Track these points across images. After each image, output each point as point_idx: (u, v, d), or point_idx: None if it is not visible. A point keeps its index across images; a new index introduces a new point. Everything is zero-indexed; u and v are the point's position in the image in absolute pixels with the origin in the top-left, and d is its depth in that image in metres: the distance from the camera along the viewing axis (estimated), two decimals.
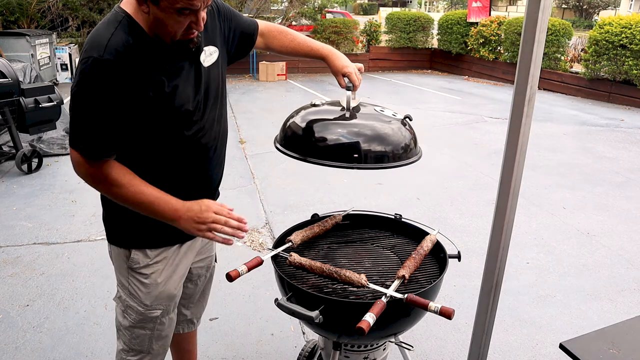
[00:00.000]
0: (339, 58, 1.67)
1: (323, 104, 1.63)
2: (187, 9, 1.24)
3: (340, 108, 1.58)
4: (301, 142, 1.53)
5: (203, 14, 1.30)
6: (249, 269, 1.51)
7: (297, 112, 1.64)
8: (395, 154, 1.50)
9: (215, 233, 1.41)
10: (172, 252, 1.57)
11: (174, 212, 1.39)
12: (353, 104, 1.58)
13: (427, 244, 1.70)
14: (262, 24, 1.72)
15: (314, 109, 1.61)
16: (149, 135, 1.37)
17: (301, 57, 1.81)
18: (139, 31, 1.30)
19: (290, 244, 1.72)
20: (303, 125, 1.55)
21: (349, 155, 1.45)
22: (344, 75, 1.64)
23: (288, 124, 1.60)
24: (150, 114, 1.33)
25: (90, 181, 1.36)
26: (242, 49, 1.66)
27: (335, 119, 1.55)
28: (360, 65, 1.70)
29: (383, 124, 1.55)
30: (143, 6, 1.26)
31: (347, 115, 1.55)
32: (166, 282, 1.58)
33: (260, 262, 1.55)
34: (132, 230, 1.51)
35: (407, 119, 1.62)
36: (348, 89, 1.59)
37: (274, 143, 1.63)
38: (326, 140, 1.49)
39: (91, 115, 1.28)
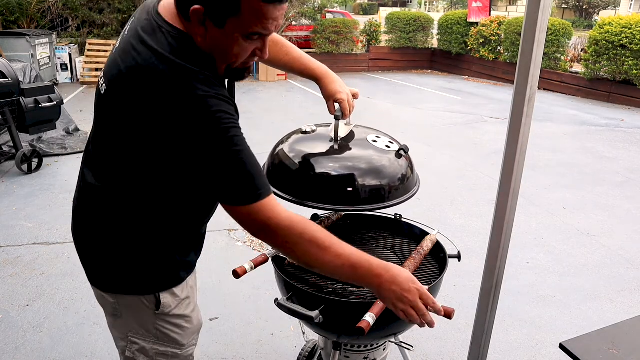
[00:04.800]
0: (334, 82, 1.50)
1: (314, 131, 1.53)
2: (257, 34, 1.05)
3: (329, 138, 1.46)
4: (293, 183, 1.44)
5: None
6: (256, 266, 1.51)
7: (287, 139, 1.55)
8: (392, 189, 1.42)
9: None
10: (190, 278, 1.39)
11: (375, 277, 1.15)
12: (346, 130, 1.48)
13: (427, 244, 1.70)
14: None
15: (303, 136, 1.52)
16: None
17: (294, 74, 1.62)
18: (208, 59, 1.09)
19: None
20: (294, 161, 1.45)
21: (341, 195, 1.40)
22: (335, 101, 1.48)
23: (277, 155, 1.51)
24: None
25: (275, 232, 1.14)
26: None
27: (324, 153, 1.45)
28: (356, 91, 1.55)
29: (378, 156, 1.44)
30: (199, 29, 1.02)
31: (336, 147, 1.44)
32: (196, 311, 1.42)
33: (266, 259, 1.55)
34: (158, 270, 1.26)
35: (402, 151, 1.47)
36: (337, 118, 1.44)
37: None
38: (316, 180, 1.42)
39: (241, 152, 1.11)
